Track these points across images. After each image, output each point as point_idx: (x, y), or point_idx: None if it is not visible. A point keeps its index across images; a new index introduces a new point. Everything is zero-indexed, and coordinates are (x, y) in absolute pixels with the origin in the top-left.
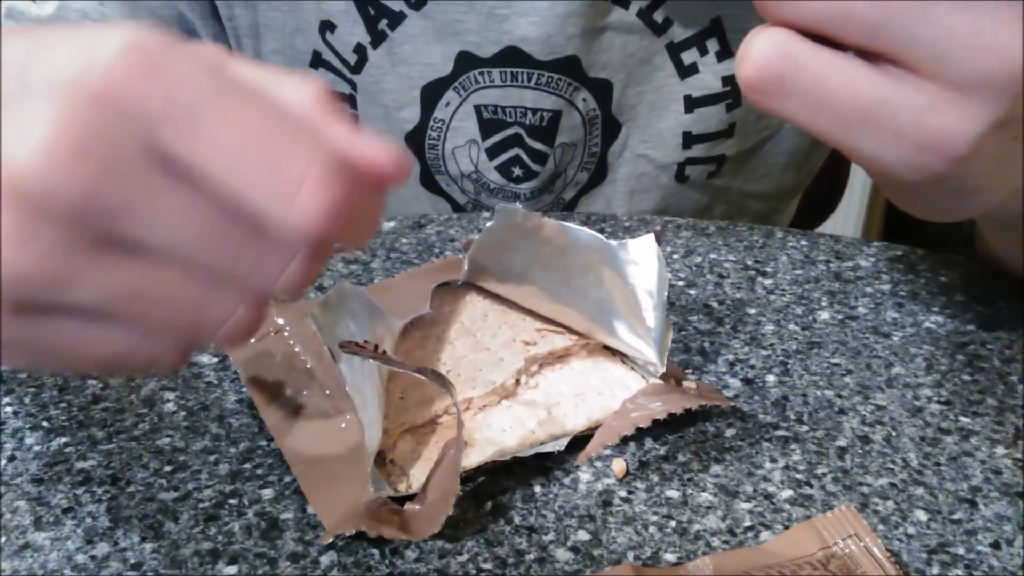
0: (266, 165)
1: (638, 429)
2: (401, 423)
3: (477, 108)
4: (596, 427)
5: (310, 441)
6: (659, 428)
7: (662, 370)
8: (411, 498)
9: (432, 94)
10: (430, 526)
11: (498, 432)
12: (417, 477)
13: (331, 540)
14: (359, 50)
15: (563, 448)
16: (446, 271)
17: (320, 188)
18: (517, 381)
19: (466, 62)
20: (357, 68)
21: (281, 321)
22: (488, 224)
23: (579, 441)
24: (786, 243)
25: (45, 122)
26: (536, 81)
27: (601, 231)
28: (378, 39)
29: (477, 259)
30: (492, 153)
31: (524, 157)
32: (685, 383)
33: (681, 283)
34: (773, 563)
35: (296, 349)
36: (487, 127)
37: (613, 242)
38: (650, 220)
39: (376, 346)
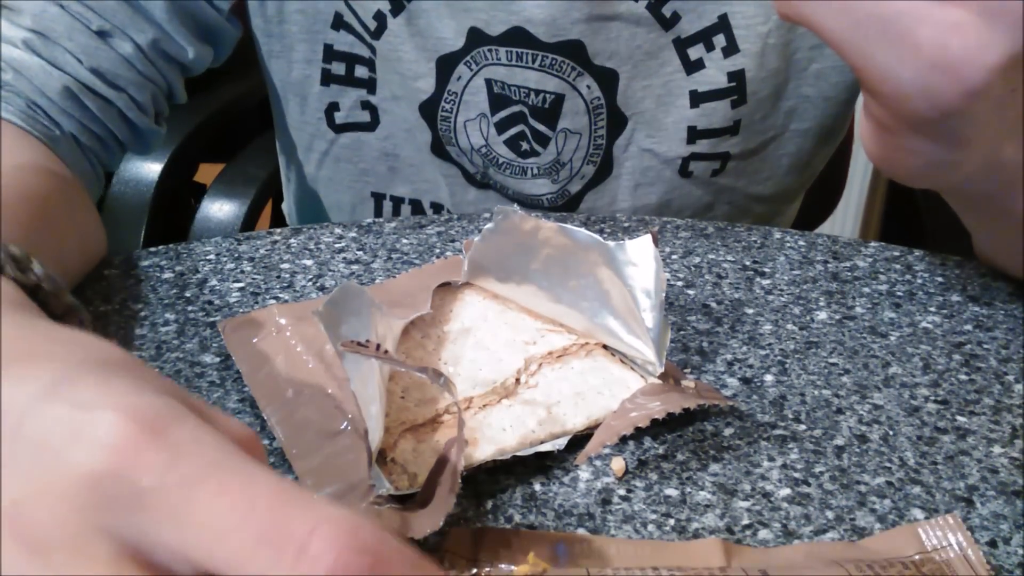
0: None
1: (637, 429)
2: (402, 422)
3: (488, 82)
4: (596, 426)
5: (312, 439)
6: (658, 427)
7: (660, 370)
8: (412, 496)
9: (446, 67)
10: (431, 524)
11: (498, 431)
12: (418, 476)
13: None
14: (379, 17)
15: (563, 447)
16: (447, 272)
17: (330, 537)
18: (517, 380)
19: (476, 38)
20: (377, 34)
21: (283, 321)
22: (487, 225)
23: (579, 440)
24: (784, 244)
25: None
26: (540, 63)
27: (600, 232)
28: (397, 8)
29: (477, 260)
30: (501, 128)
31: (528, 135)
32: (684, 382)
33: (680, 283)
34: (863, 557)
35: (298, 349)
36: (496, 101)
37: (611, 243)
38: (649, 220)
39: (378, 345)
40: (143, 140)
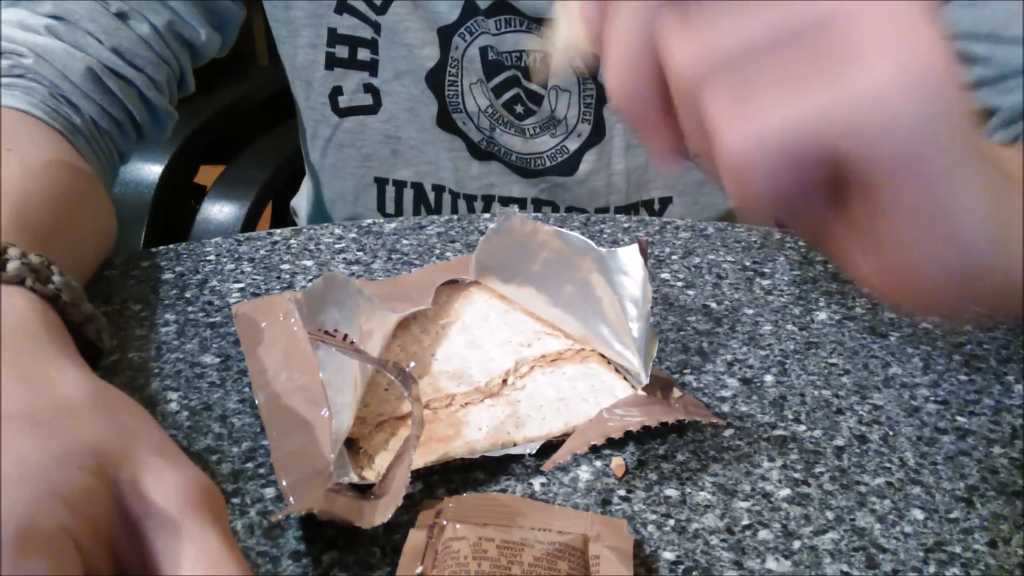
0: None
1: (609, 439)
2: (380, 414)
3: (482, 51)
4: (571, 433)
5: (291, 425)
6: (659, 427)
7: (645, 381)
8: (372, 486)
9: (445, 37)
10: (380, 516)
11: (474, 430)
12: (384, 467)
13: (283, 519)
14: None
15: (534, 452)
16: (456, 270)
17: None
18: (504, 381)
19: (470, 10)
20: (383, 9)
21: (292, 305)
22: (491, 226)
23: (555, 445)
24: (784, 244)
25: None
26: (528, 27)
27: (600, 232)
28: None
29: (483, 260)
30: (497, 93)
31: (523, 96)
32: (673, 395)
33: (680, 284)
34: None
35: (300, 336)
36: (489, 69)
37: (603, 249)
38: (649, 222)
39: (345, 335)
40: (159, 122)
